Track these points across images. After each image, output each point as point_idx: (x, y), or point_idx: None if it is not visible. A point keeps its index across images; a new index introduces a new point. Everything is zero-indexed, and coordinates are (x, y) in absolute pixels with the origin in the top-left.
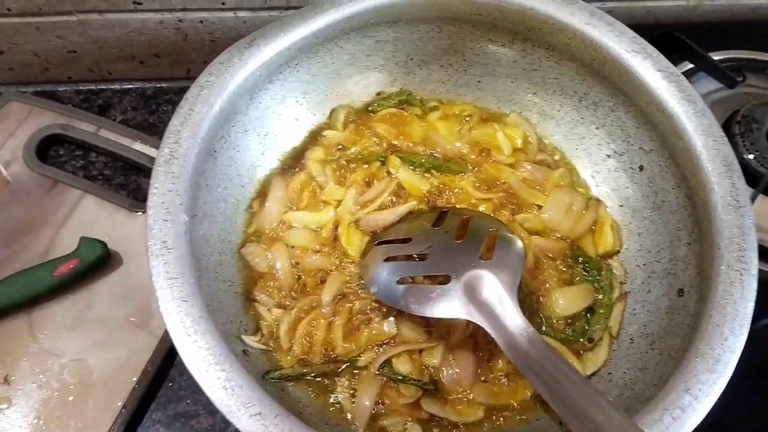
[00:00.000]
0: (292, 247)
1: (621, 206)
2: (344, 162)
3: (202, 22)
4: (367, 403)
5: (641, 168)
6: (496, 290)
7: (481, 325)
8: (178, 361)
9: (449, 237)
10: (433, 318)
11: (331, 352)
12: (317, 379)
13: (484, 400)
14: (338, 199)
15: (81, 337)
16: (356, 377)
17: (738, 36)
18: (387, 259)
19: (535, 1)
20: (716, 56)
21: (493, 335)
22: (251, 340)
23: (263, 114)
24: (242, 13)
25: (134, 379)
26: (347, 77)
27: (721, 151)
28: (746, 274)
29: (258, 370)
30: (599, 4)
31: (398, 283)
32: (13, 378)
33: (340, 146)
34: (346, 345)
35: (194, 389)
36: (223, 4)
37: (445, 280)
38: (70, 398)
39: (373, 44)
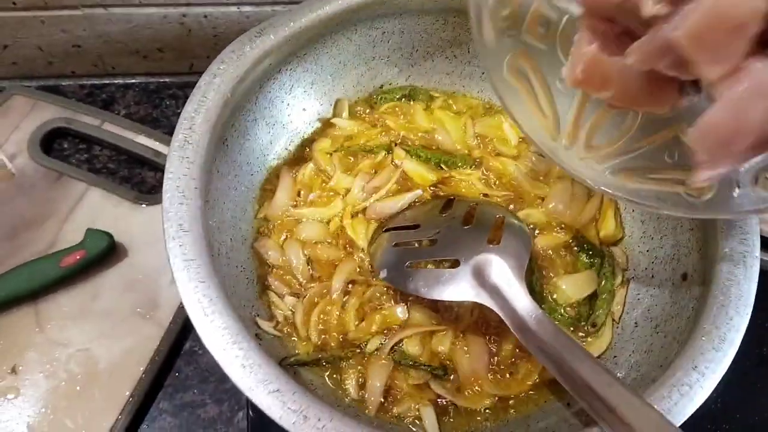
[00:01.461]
0: (303, 241)
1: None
2: (351, 152)
3: (206, 16)
4: (378, 384)
5: None
6: (504, 274)
7: (491, 307)
8: (184, 351)
9: (456, 222)
10: (443, 301)
11: (343, 338)
12: (330, 363)
13: (493, 390)
14: (346, 187)
15: (87, 328)
16: (367, 361)
17: None
18: (396, 245)
19: None
20: None
21: (502, 317)
22: (267, 326)
23: (272, 103)
24: (246, 8)
25: (141, 368)
26: (354, 68)
27: None
28: (749, 256)
29: (271, 355)
30: None
31: (407, 267)
32: (20, 368)
33: (348, 136)
34: (358, 329)
35: (201, 379)
36: None
37: (454, 264)
38: (77, 388)
39: (379, 35)
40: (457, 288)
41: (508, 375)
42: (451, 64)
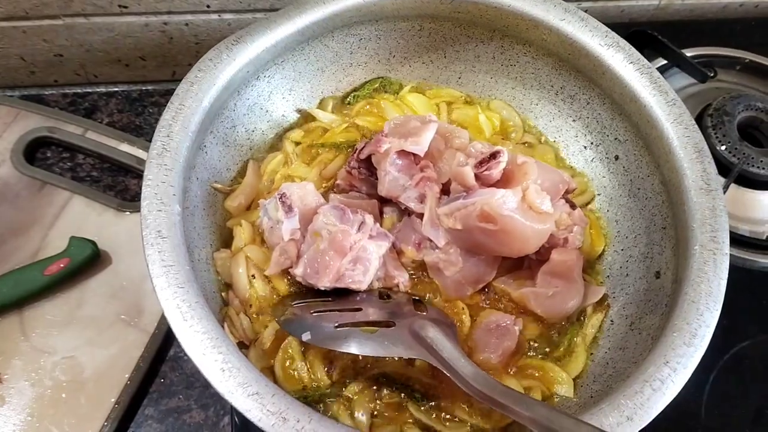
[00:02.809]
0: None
1: (598, 194)
2: (317, 146)
3: (187, 24)
4: (364, 417)
5: (617, 158)
6: (442, 338)
7: (435, 365)
8: (169, 357)
9: (374, 296)
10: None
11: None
12: (315, 402)
13: (471, 420)
14: (302, 176)
15: (72, 335)
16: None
17: (708, 33)
18: (316, 312)
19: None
20: (688, 53)
21: (448, 375)
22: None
23: (250, 110)
24: (227, 16)
25: (126, 375)
26: (332, 74)
27: (692, 138)
28: (719, 253)
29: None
30: (575, 5)
31: (336, 328)
32: (6, 376)
33: (324, 130)
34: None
35: (186, 384)
36: (208, 7)
37: (386, 326)
38: (63, 395)
39: (356, 42)
40: (396, 347)
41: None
42: (428, 69)
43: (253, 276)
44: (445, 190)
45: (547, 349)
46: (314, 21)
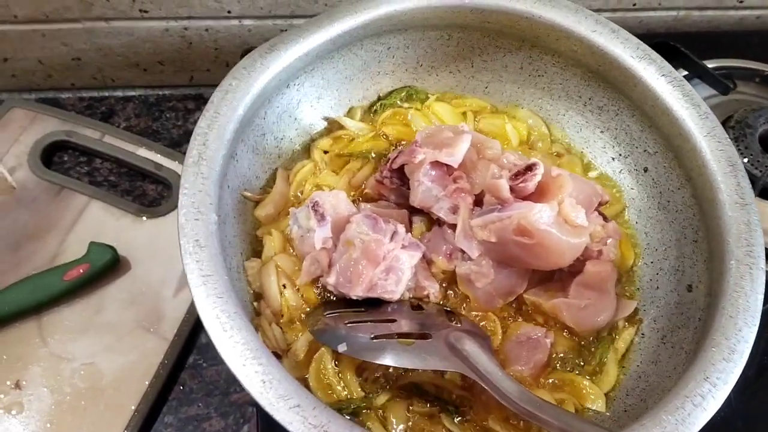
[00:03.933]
0: (281, 268)
1: (627, 207)
2: (346, 154)
3: (207, 30)
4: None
5: (646, 169)
6: (478, 352)
7: (473, 378)
8: (188, 365)
9: (405, 307)
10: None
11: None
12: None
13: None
14: (331, 185)
15: (91, 342)
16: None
17: (726, 45)
18: (350, 323)
19: (543, 10)
20: (708, 64)
21: (487, 389)
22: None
23: (280, 118)
24: (247, 22)
25: (146, 382)
26: (359, 82)
27: (725, 151)
28: (755, 267)
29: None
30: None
31: (372, 340)
32: (24, 383)
33: (351, 138)
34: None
35: (206, 392)
36: (228, 12)
37: (422, 338)
38: (82, 402)
39: (384, 51)
40: (433, 359)
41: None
42: (455, 78)
43: (284, 286)
44: (478, 201)
45: (580, 363)
46: (346, 30)
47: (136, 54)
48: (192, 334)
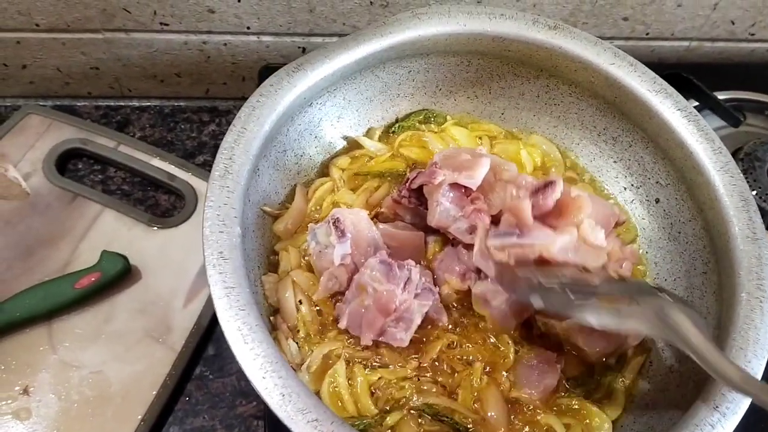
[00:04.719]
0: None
1: (637, 236)
2: (363, 174)
3: (225, 44)
4: None
5: (657, 201)
6: (690, 324)
7: (689, 354)
8: (195, 376)
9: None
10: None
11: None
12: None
13: None
14: (348, 203)
15: (100, 350)
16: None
17: (736, 77)
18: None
19: (563, 41)
20: (719, 96)
21: (704, 368)
22: None
23: (301, 135)
24: (265, 38)
25: (153, 392)
26: (379, 103)
27: (738, 186)
28: (765, 301)
29: None
30: (607, 42)
31: (577, 302)
32: (32, 389)
33: (369, 158)
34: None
35: (211, 404)
36: (248, 28)
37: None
38: (89, 410)
39: (405, 74)
40: (638, 322)
41: None
42: (472, 104)
43: (300, 301)
44: (495, 221)
45: (588, 389)
46: (370, 53)
47: (154, 65)
48: (199, 346)
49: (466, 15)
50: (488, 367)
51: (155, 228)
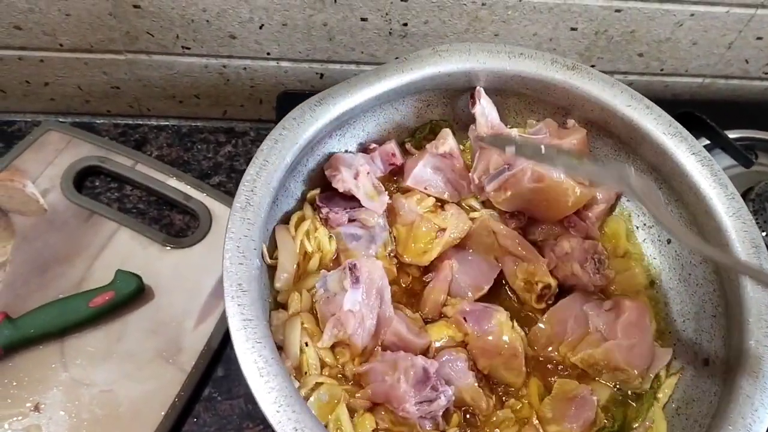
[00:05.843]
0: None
1: (654, 282)
2: None
3: (245, 69)
4: None
5: (669, 241)
6: (650, 187)
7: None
8: (203, 397)
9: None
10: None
11: None
12: None
13: None
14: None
15: (112, 369)
16: None
17: (749, 115)
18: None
19: (580, 82)
20: (730, 134)
21: (662, 222)
22: None
23: (319, 165)
24: (284, 63)
25: (162, 413)
26: (396, 135)
27: (749, 233)
28: None
29: None
30: (621, 77)
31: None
32: (43, 406)
33: None
34: None
35: (219, 426)
36: (268, 54)
37: None
38: (99, 429)
39: (424, 107)
40: (607, 178)
41: None
42: None
43: (306, 344)
44: None
45: (625, 416)
46: (392, 88)
47: (174, 87)
48: (209, 367)
49: (486, 53)
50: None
51: (169, 248)
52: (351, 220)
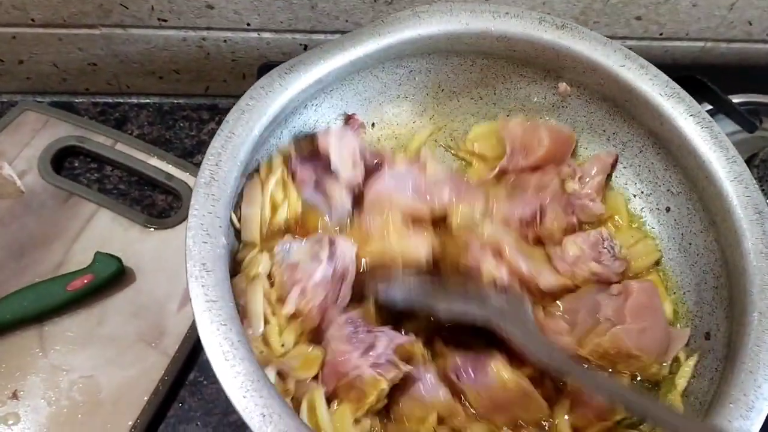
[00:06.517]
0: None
1: (661, 258)
2: None
3: (225, 41)
4: None
5: (668, 209)
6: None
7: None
8: (189, 381)
9: None
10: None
11: None
12: None
13: None
14: None
15: (92, 354)
16: None
17: (753, 79)
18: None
19: (571, 41)
20: (734, 99)
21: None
22: None
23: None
24: (266, 35)
25: (145, 398)
26: (378, 105)
27: (752, 198)
28: None
29: None
30: (619, 42)
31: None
32: (21, 393)
33: None
34: None
35: (205, 411)
36: (248, 25)
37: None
38: (79, 416)
39: (406, 74)
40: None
41: None
42: (476, 105)
43: (272, 313)
44: None
45: None
46: (368, 53)
47: (153, 62)
48: (194, 351)
49: (469, 13)
50: None
51: (151, 229)
52: (317, 186)
